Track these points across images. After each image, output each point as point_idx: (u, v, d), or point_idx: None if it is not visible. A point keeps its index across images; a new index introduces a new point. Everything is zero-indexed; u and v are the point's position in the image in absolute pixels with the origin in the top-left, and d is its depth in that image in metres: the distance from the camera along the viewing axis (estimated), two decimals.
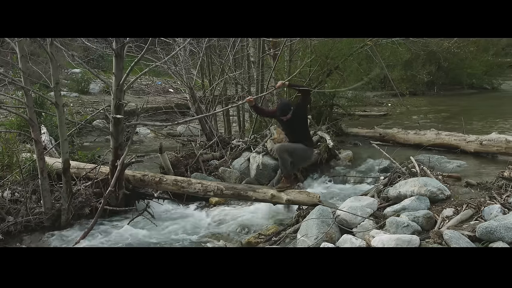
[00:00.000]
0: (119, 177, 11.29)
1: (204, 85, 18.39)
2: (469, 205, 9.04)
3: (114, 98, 10.88)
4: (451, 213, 8.89)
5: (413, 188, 9.64)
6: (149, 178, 12.01)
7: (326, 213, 9.41)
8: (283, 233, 10.26)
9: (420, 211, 8.87)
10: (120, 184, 11.44)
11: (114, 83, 10.89)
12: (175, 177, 12.24)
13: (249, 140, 15.68)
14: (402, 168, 11.47)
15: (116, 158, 11.22)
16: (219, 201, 12.73)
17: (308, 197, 10.51)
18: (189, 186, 11.68)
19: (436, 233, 8.05)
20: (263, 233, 10.57)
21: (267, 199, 10.96)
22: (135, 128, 13.78)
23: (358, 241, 8.58)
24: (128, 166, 11.62)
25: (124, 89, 11.12)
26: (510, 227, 7.73)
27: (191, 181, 11.82)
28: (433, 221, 8.73)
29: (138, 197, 12.20)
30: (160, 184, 11.94)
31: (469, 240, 7.77)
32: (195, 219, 11.94)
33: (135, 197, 12.07)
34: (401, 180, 10.35)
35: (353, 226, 9.17)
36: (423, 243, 7.83)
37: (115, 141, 11.17)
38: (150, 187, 12.26)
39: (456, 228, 8.29)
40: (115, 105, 10.90)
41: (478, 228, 7.89)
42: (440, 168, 12.04)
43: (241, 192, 11.26)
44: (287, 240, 9.93)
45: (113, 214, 11.57)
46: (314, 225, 9.23)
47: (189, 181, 11.82)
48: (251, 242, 10.30)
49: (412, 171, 11.02)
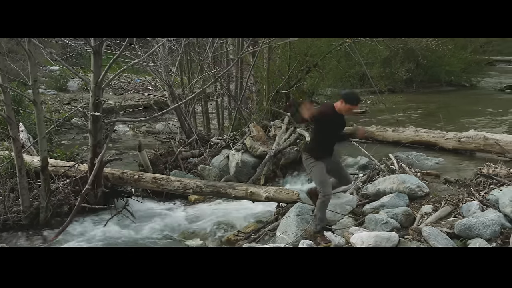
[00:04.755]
0: (98, 175, 11.22)
1: (183, 82, 18.36)
2: (448, 202, 9.10)
3: (93, 95, 10.82)
4: (430, 210, 8.95)
5: (392, 185, 9.67)
6: (128, 176, 11.95)
7: (305, 211, 9.43)
8: (262, 230, 10.27)
9: (399, 208, 8.92)
10: (98, 182, 11.36)
11: (92, 80, 10.83)
12: (154, 174, 12.21)
13: (228, 138, 15.68)
14: (381, 165, 11.50)
15: (95, 156, 11.14)
16: (199, 198, 12.72)
17: (288, 194, 10.50)
18: (168, 183, 11.65)
19: (415, 230, 8.10)
20: (242, 231, 10.58)
21: (246, 196, 10.95)
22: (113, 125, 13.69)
23: (337, 238, 8.60)
24: (106, 164, 11.55)
25: (103, 87, 11.06)
26: (488, 224, 7.79)
27: (170, 179, 11.78)
28: (412, 218, 8.78)
29: (117, 195, 12.11)
30: (139, 182, 11.89)
31: (448, 237, 7.82)
32: (174, 216, 11.94)
33: (114, 195, 11.99)
34: (380, 177, 10.38)
35: (332, 223, 9.20)
36: (402, 240, 7.88)
37: (94, 138, 11.10)
38: (129, 185, 12.21)
39: (435, 225, 8.35)
40: (94, 103, 10.83)
41: (456, 225, 7.95)
42: (418, 165, 12.08)
43: (220, 190, 11.25)
44: (266, 237, 9.94)
45: (92, 212, 11.47)
46: (293, 222, 9.25)
47: (168, 179, 11.79)
48: (231, 240, 10.31)
49: (391, 168, 11.05)
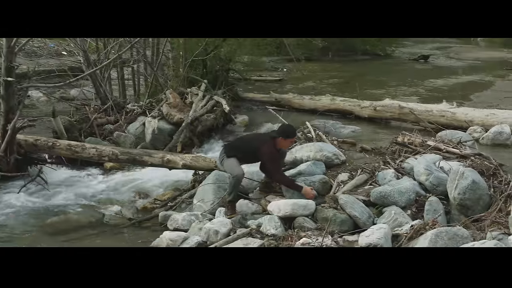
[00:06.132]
0: (10, 142, 10.96)
1: (98, 48, 18.02)
2: (364, 170, 9.25)
3: (5, 60, 10.56)
4: (346, 178, 9.08)
5: (309, 153, 9.74)
6: (42, 143, 11.68)
7: (222, 178, 9.43)
8: (179, 198, 10.26)
9: (316, 176, 9.01)
10: (11, 148, 11.09)
11: (4, 45, 10.56)
12: (68, 141, 11.97)
13: (145, 105, 15.47)
14: (298, 133, 11.58)
15: (7, 122, 10.89)
16: (114, 166, 12.52)
17: (205, 162, 10.52)
18: (83, 151, 11.45)
19: (332, 197, 8.21)
20: (159, 199, 10.54)
21: (163, 164, 10.88)
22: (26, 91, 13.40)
23: (254, 206, 8.66)
24: (19, 130, 11.28)
25: (16, 51, 10.80)
26: (403, 192, 7.97)
27: (85, 146, 11.58)
28: (328, 186, 8.90)
29: (31, 162, 11.84)
30: (53, 149, 11.65)
31: (364, 205, 7.95)
32: (90, 184, 11.79)
33: (27, 163, 11.72)
34: (297, 145, 10.44)
35: (249, 191, 9.26)
36: (319, 208, 7.96)
37: (6, 104, 10.84)
38: (43, 152, 11.95)
39: (351, 192, 8.48)
40: (6, 68, 10.57)
41: (372, 193, 8.11)
42: (335, 133, 12.25)
43: (136, 157, 11.16)
44: (183, 205, 9.93)
45: (4, 179, 11.21)
46: (210, 190, 9.27)
47: (83, 146, 11.59)
48: (147, 208, 10.26)
49: (308, 136, 11.13)
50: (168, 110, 14.11)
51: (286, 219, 7.90)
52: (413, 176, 8.73)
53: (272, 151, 8.75)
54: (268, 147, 8.74)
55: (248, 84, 21.07)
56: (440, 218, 7.51)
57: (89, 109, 15.40)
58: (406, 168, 9.11)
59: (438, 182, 8.30)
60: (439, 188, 8.26)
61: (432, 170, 8.51)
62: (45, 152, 11.94)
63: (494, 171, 8.75)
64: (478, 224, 7.37)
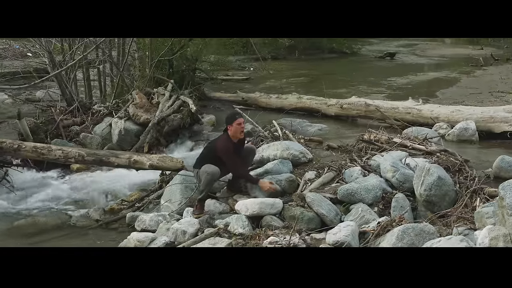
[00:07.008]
0: None
1: (63, 49, 17.89)
2: (331, 168, 9.30)
3: None
4: (313, 176, 9.12)
5: (276, 151, 9.77)
6: (7, 145, 11.54)
7: (189, 178, 9.45)
8: (146, 199, 10.25)
9: (283, 175, 9.03)
10: None
11: None
12: (34, 143, 11.84)
13: (111, 105, 15.40)
14: (265, 132, 11.60)
15: None
16: (81, 167, 12.45)
17: (172, 162, 10.48)
18: (49, 153, 11.34)
19: (299, 196, 8.24)
20: (126, 200, 10.51)
21: (130, 164, 10.83)
22: None
23: (221, 206, 8.67)
24: None
25: None
26: (370, 189, 8.03)
27: (51, 148, 11.47)
28: (295, 184, 8.92)
29: None
30: (19, 151, 11.52)
31: (331, 202, 7.99)
32: (56, 186, 11.72)
33: None
34: (264, 144, 10.47)
35: (216, 190, 9.25)
36: (286, 206, 7.98)
37: None
38: (8, 154, 11.81)
39: (318, 190, 8.51)
40: None
41: (339, 190, 8.16)
42: (302, 131, 12.28)
43: (103, 158, 11.07)
44: (151, 206, 9.91)
45: None
46: (177, 190, 9.28)
47: (49, 148, 11.48)
48: (114, 209, 10.23)
49: (275, 135, 11.17)
50: (135, 111, 14.06)
51: (254, 218, 7.93)
52: (379, 173, 8.80)
53: (225, 145, 8.77)
54: (221, 141, 8.84)
55: (215, 84, 21.09)
56: (407, 215, 7.57)
57: (55, 111, 15.28)
58: (373, 165, 9.16)
59: (405, 178, 8.37)
60: (406, 184, 8.33)
61: (398, 167, 8.57)
62: (11, 154, 11.81)
63: (460, 167, 8.87)
64: (444, 220, 7.43)
